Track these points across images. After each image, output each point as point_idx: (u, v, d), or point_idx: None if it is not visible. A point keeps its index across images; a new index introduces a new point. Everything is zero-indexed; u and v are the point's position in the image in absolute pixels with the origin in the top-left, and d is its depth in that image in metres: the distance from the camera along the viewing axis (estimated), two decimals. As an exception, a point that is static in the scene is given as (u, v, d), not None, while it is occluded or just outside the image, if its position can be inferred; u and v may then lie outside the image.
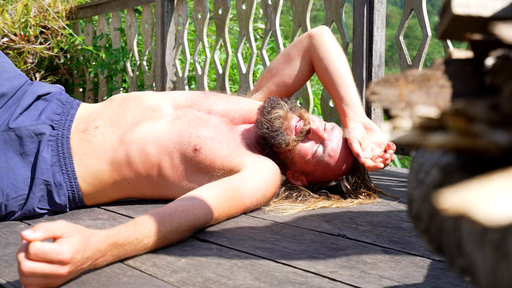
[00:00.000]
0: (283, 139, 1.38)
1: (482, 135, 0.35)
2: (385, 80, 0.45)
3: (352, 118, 1.46)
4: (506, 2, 0.43)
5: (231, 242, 1.06)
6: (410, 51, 2.14)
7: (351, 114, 1.47)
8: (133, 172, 1.34)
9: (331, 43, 1.53)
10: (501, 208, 0.28)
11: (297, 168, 1.43)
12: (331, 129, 1.44)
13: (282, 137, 1.37)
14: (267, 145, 1.39)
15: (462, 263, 0.39)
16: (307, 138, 1.40)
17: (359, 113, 1.47)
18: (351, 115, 1.47)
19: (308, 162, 1.41)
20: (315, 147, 1.40)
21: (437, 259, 0.96)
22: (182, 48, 3.10)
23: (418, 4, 2.00)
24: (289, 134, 1.38)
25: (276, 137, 1.37)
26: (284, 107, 1.41)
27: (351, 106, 1.47)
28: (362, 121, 1.46)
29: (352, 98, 1.48)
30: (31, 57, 3.69)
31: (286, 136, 1.38)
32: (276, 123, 1.38)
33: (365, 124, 1.46)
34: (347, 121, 1.47)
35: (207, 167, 1.34)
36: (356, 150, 1.39)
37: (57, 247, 0.78)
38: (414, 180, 0.47)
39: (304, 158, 1.41)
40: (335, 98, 1.52)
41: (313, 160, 1.40)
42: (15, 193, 1.25)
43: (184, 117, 1.40)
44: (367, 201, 1.43)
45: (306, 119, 1.41)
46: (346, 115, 1.48)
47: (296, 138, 1.39)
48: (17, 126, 1.30)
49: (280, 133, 1.37)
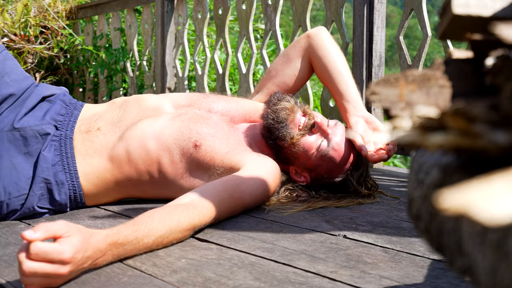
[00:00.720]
0: (288, 132, 1.39)
1: (482, 135, 0.35)
2: (385, 80, 0.45)
3: (353, 113, 1.48)
4: (506, 2, 0.43)
5: (231, 242, 1.06)
6: (410, 51, 2.14)
7: (352, 109, 1.48)
8: (133, 169, 1.35)
9: (329, 42, 1.56)
10: (501, 208, 0.28)
11: (300, 162, 1.43)
12: (334, 125, 1.45)
13: (287, 130, 1.39)
14: (271, 138, 1.40)
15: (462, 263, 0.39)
16: (312, 132, 1.42)
17: (359, 108, 1.49)
18: (351, 110, 1.48)
19: (311, 157, 1.41)
20: (319, 141, 1.41)
21: (437, 259, 0.96)
22: (182, 48, 3.10)
23: (418, 4, 2.00)
24: (293, 127, 1.39)
25: (281, 129, 1.38)
26: (290, 100, 1.43)
27: (351, 102, 1.49)
28: (363, 116, 1.48)
29: (352, 94, 1.50)
30: (31, 57, 3.69)
31: (291, 129, 1.39)
32: (282, 114, 1.39)
33: (366, 119, 1.47)
34: (348, 116, 1.49)
35: (207, 164, 1.34)
36: (359, 143, 1.40)
37: (58, 247, 0.78)
38: (414, 180, 0.47)
39: (308, 153, 1.41)
40: (335, 95, 1.53)
41: (317, 154, 1.41)
42: (18, 191, 1.26)
43: (184, 115, 1.41)
44: (367, 201, 1.43)
45: (310, 114, 1.42)
46: (346, 111, 1.49)
47: (300, 132, 1.40)
48: (22, 126, 1.31)
49: (285, 125, 1.39)
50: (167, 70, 3.11)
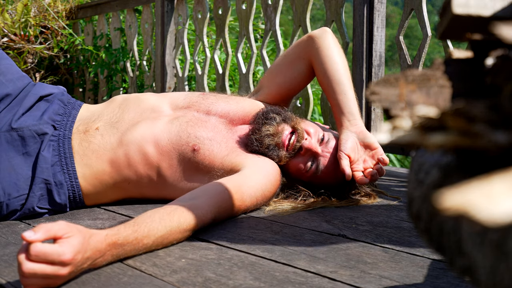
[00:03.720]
0: (275, 154, 1.37)
1: (482, 135, 0.35)
2: (385, 80, 0.45)
3: (345, 128, 1.41)
4: (506, 2, 0.43)
5: (231, 242, 1.06)
6: (410, 51, 2.14)
7: (346, 123, 1.41)
8: (133, 172, 1.34)
9: (331, 46, 1.48)
10: (501, 208, 0.28)
11: (293, 178, 1.44)
12: (327, 141, 1.41)
13: (274, 153, 1.37)
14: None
15: (462, 263, 0.39)
16: (300, 154, 1.39)
17: (353, 122, 1.41)
18: (345, 124, 1.41)
19: (302, 175, 1.42)
20: (309, 163, 1.39)
21: (437, 259, 0.96)
22: (182, 48, 3.10)
23: (418, 4, 2.00)
24: (281, 148, 1.38)
25: (268, 153, 1.37)
26: (274, 122, 1.38)
27: (346, 115, 1.42)
28: (356, 131, 1.40)
29: (348, 105, 1.42)
30: (31, 57, 3.69)
31: (278, 151, 1.37)
32: (265, 141, 1.36)
33: (359, 134, 1.40)
34: (340, 131, 1.43)
35: (206, 167, 1.34)
36: (343, 165, 1.35)
37: (58, 248, 0.78)
38: (414, 180, 0.47)
39: (298, 172, 1.41)
40: (332, 106, 1.47)
41: (307, 174, 1.41)
42: (17, 192, 1.25)
43: (182, 117, 1.40)
44: (367, 201, 1.43)
45: (299, 133, 1.38)
46: (340, 124, 1.43)
47: (287, 154, 1.38)
48: (19, 126, 1.30)
49: (271, 149, 1.37)
50: (167, 70, 3.11)
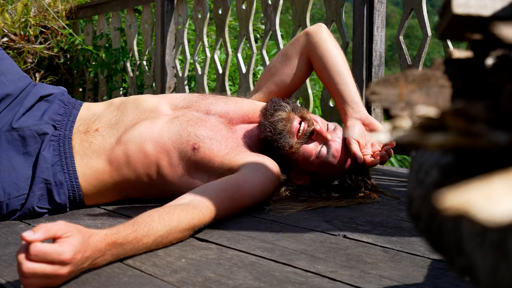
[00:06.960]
0: (286, 142, 1.38)
1: (482, 135, 0.35)
2: (385, 80, 0.45)
3: (350, 116, 1.46)
4: (506, 2, 0.43)
5: (231, 242, 1.06)
6: (410, 51, 2.14)
7: (350, 111, 1.47)
8: (132, 171, 1.34)
9: (328, 40, 1.53)
10: (501, 208, 0.28)
11: (300, 169, 1.44)
12: (334, 129, 1.44)
13: (285, 140, 1.38)
14: (271, 147, 1.39)
15: (462, 263, 0.39)
16: (311, 139, 1.41)
17: (357, 109, 1.47)
18: (349, 112, 1.47)
19: (312, 163, 1.41)
20: (319, 148, 1.40)
21: (437, 259, 0.96)
22: (182, 48, 3.10)
23: (418, 4, 2.00)
24: (291, 136, 1.39)
25: (279, 140, 1.37)
26: (286, 108, 1.41)
27: (349, 103, 1.47)
28: (360, 117, 1.46)
29: (351, 94, 1.48)
30: (31, 57, 3.69)
31: (289, 138, 1.38)
32: (279, 126, 1.38)
33: (364, 120, 1.46)
34: (345, 118, 1.48)
35: (206, 166, 1.34)
36: (354, 149, 1.39)
37: (57, 248, 0.78)
38: (414, 180, 0.47)
39: (308, 159, 1.41)
40: (334, 96, 1.52)
41: (317, 161, 1.41)
42: (17, 192, 1.25)
43: (182, 117, 1.40)
44: (367, 201, 1.43)
45: (309, 120, 1.41)
46: (344, 113, 1.48)
47: (299, 140, 1.39)
48: (20, 126, 1.31)
49: (283, 136, 1.38)
50: (167, 70, 3.11)
